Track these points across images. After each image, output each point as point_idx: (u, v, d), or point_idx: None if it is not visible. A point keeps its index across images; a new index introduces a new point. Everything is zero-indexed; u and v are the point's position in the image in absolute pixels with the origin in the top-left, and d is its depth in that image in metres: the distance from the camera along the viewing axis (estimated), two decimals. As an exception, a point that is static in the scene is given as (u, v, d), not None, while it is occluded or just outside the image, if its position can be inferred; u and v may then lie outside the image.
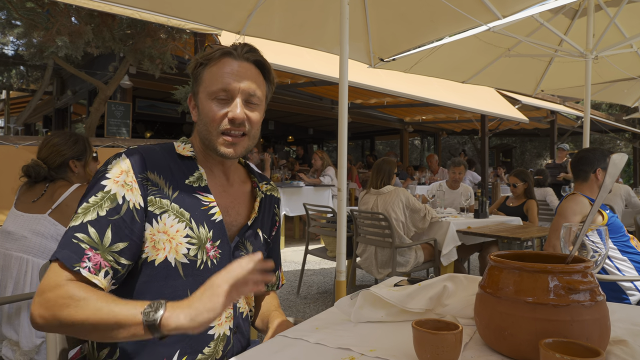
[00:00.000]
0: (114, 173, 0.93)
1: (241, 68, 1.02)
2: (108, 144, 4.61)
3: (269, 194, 1.22)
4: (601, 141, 16.44)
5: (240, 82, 1.01)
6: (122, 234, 0.89)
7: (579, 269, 0.75)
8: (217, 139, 1.01)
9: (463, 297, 0.97)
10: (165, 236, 0.94)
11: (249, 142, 1.05)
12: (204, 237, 0.98)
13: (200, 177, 1.03)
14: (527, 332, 0.73)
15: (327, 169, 6.32)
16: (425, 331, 0.70)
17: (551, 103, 9.35)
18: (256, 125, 1.06)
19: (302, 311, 3.49)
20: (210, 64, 1.03)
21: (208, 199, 1.02)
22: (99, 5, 3.47)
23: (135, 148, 1.00)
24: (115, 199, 0.90)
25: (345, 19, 2.39)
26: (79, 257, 0.84)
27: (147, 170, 0.96)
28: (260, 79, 1.07)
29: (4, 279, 1.76)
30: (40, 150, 1.86)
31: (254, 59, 1.06)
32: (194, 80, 1.06)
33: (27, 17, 4.45)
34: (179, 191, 0.99)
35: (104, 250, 0.87)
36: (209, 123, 1.01)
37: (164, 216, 0.95)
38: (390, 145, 20.18)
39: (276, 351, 0.80)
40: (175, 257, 0.94)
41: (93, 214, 0.88)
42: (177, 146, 1.06)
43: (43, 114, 12.01)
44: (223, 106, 1.01)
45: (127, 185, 0.93)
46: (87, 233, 0.86)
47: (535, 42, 3.84)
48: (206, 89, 1.02)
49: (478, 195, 3.71)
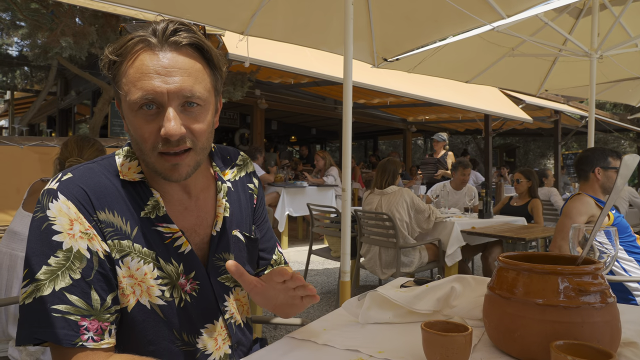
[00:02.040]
0: (63, 225, 0.76)
1: (167, 61, 0.76)
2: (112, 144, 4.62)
3: (238, 178, 1.02)
4: (605, 141, 16.37)
5: (169, 82, 0.76)
6: (107, 286, 0.78)
7: (590, 271, 0.74)
8: (155, 161, 0.80)
9: (471, 299, 0.96)
10: (132, 280, 0.81)
11: (196, 157, 0.82)
12: (175, 273, 0.85)
13: (156, 204, 0.85)
14: (537, 334, 0.72)
15: (330, 169, 6.32)
16: (435, 333, 0.70)
17: (555, 103, 9.31)
18: (203, 135, 0.82)
19: (306, 311, 3.49)
20: (125, 61, 0.78)
21: (170, 229, 0.85)
22: (103, 6, 3.48)
23: (71, 179, 0.79)
24: (83, 255, 0.76)
25: (349, 19, 2.39)
26: (76, 331, 0.73)
27: (97, 210, 0.79)
28: (199, 69, 0.80)
29: (10, 279, 1.77)
30: (83, 152, 1.82)
31: (185, 42, 0.79)
32: (112, 83, 0.82)
33: (32, 18, 4.47)
34: (137, 227, 0.82)
35: (98, 314, 0.76)
36: (141, 143, 0.79)
37: (127, 260, 0.80)
38: (393, 145, 20.16)
39: (284, 353, 0.80)
40: (149, 300, 0.82)
41: (65, 279, 0.74)
42: (121, 167, 0.85)
43: (47, 115, 12.07)
44: (152, 120, 0.78)
45: (86, 235, 0.77)
46: (69, 303, 0.74)
47: (540, 42, 3.82)
48: (126, 99, 0.77)
49: (482, 195, 3.70)
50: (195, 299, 0.88)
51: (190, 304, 0.87)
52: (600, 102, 14.84)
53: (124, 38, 0.79)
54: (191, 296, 0.87)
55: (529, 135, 16.48)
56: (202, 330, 0.89)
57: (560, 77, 4.95)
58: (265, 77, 7.29)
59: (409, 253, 3.31)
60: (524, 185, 4.14)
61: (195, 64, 0.80)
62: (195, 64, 0.80)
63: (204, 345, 0.90)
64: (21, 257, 1.75)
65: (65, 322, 0.73)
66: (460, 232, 3.35)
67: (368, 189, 3.62)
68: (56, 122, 11.06)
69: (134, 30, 0.79)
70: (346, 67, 2.37)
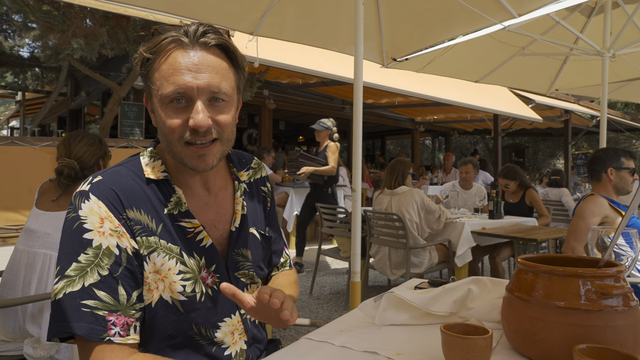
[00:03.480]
0: (93, 223, 0.80)
1: (197, 59, 0.83)
2: (122, 145, 4.66)
3: (253, 180, 1.07)
4: (616, 140, 16.19)
5: (199, 78, 0.82)
6: (133, 282, 0.82)
7: (612, 273, 0.73)
8: (182, 151, 0.85)
9: (488, 301, 0.96)
10: (157, 275, 0.85)
11: (222, 147, 0.88)
12: (197, 267, 0.89)
13: (178, 201, 0.89)
14: (559, 337, 0.72)
15: (338, 169, 6.30)
16: (455, 336, 0.70)
17: (565, 102, 9.22)
18: (228, 127, 0.88)
19: (315, 311, 3.49)
20: (158, 58, 0.84)
21: (192, 224, 0.89)
22: (114, 8, 3.51)
23: (101, 181, 0.84)
24: (112, 252, 0.80)
25: (360, 19, 2.38)
26: (104, 326, 0.76)
27: (126, 209, 0.83)
28: (225, 68, 0.86)
29: (27, 276, 1.79)
30: (71, 150, 1.86)
31: (214, 44, 0.85)
32: (144, 79, 0.88)
33: (43, 20, 4.52)
34: (162, 224, 0.86)
35: (124, 309, 0.79)
36: (169, 134, 0.84)
37: (153, 255, 0.84)
38: (401, 145, 20.09)
39: (302, 354, 0.80)
40: (171, 296, 0.86)
41: (93, 275, 0.77)
42: (145, 167, 0.90)
43: (57, 115, 12.19)
44: (181, 112, 0.83)
45: (116, 232, 0.81)
46: (97, 298, 0.77)
47: (551, 41, 3.78)
48: (158, 93, 0.84)
49: (493, 196, 3.67)
50: (216, 292, 0.91)
51: (211, 297, 0.90)
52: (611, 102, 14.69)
53: (157, 37, 0.85)
54: (212, 289, 0.91)
55: (538, 135, 16.34)
56: (220, 324, 0.92)
57: (571, 77, 4.90)
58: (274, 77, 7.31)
59: (419, 254, 3.30)
60: (513, 186, 4.08)
61: (222, 62, 0.86)
62: (222, 63, 0.86)
63: (222, 340, 0.93)
64: (39, 254, 1.77)
65: (93, 316, 0.76)
66: (471, 232, 3.33)
67: (376, 189, 3.61)
68: (66, 123, 11.17)
69: (166, 31, 0.85)
70: (357, 67, 2.37)
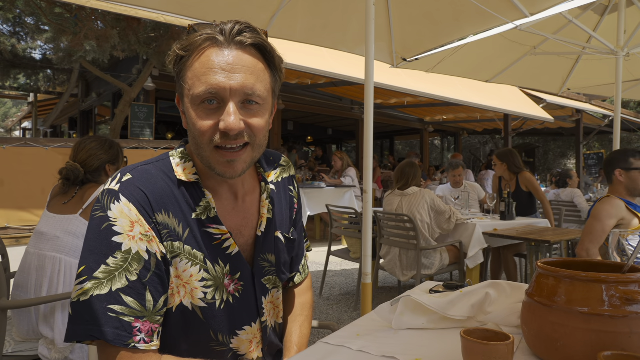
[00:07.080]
0: (123, 227, 0.77)
1: (232, 58, 0.79)
2: (133, 146, 4.70)
3: (280, 180, 1.03)
4: (629, 140, 15.97)
5: (232, 79, 0.78)
6: (161, 288, 0.80)
7: (636, 279, 0.72)
8: (210, 155, 0.81)
9: (506, 305, 0.94)
10: (179, 281, 0.83)
11: (253, 153, 0.84)
12: (221, 275, 0.86)
13: (207, 206, 0.86)
14: (582, 344, 0.70)
15: (348, 170, 6.30)
16: (476, 341, 0.68)
17: (577, 102, 9.12)
18: (261, 132, 0.83)
19: (325, 313, 3.49)
20: (192, 56, 0.80)
21: (220, 230, 0.86)
22: (125, 10, 3.54)
23: (131, 180, 0.81)
24: (141, 257, 0.77)
25: (371, 20, 2.38)
26: (129, 333, 0.75)
27: (155, 212, 0.80)
28: (261, 69, 0.82)
29: (39, 278, 1.81)
30: (76, 153, 1.89)
31: (250, 43, 0.81)
32: (176, 78, 0.84)
33: (56, 22, 4.57)
34: (189, 229, 0.83)
35: (150, 315, 0.77)
36: (198, 136, 0.80)
37: (176, 260, 0.82)
38: (410, 145, 20.02)
39: (319, 359, 0.80)
40: (192, 302, 0.84)
41: (121, 280, 0.75)
42: (176, 167, 0.86)
43: (68, 116, 12.33)
44: (213, 114, 0.79)
45: (146, 237, 0.78)
46: (124, 304, 0.75)
47: (563, 40, 3.74)
48: (190, 92, 0.80)
49: (504, 197, 3.64)
50: (238, 300, 0.89)
51: (232, 305, 0.88)
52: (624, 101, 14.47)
53: (192, 35, 0.81)
54: (234, 297, 0.88)
55: (549, 135, 16.18)
56: (239, 332, 0.91)
57: (583, 76, 4.84)
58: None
59: (430, 255, 3.28)
60: (500, 168, 3.94)
61: (258, 63, 0.82)
62: (258, 64, 0.82)
63: (237, 346, 0.91)
64: (49, 257, 1.78)
65: (119, 322, 0.74)
66: (482, 234, 3.31)
67: (385, 189, 3.60)
68: (77, 124, 11.29)
69: (202, 29, 0.81)
70: (368, 68, 2.36)
